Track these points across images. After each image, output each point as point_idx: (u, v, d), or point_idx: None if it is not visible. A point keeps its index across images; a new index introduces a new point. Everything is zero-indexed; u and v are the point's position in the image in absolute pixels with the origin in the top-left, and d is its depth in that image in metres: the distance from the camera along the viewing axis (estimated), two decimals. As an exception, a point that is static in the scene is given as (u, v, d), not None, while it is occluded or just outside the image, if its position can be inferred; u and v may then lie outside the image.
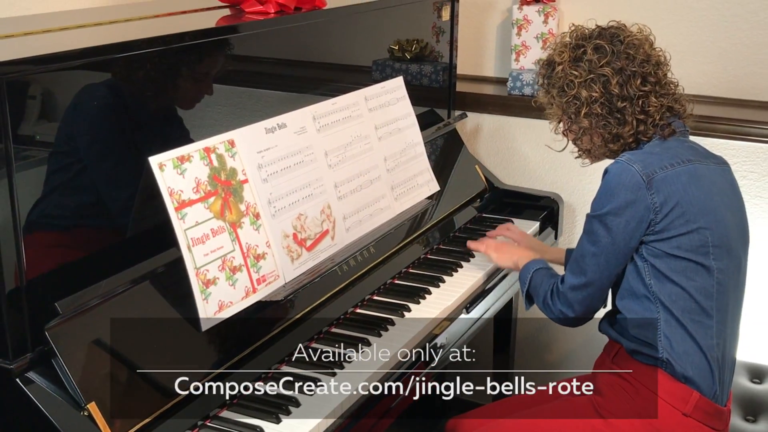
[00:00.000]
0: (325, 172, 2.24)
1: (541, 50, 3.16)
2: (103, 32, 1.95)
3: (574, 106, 2.09)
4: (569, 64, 2.09)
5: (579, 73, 2.07)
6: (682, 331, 1.96)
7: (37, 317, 1.62)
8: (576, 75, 2.07)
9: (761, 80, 2.97)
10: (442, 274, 2.46)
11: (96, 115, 1.78)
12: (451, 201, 2.84)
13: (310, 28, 2.39)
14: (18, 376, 1.58)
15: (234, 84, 2.16)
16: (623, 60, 2.05)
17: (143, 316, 1.77)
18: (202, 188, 1.88)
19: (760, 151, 2.87)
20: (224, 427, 1.75)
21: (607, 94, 2.05)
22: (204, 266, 1.84)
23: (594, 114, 2.06)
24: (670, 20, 3.07)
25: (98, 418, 1.59)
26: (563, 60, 2.11)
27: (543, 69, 2.19)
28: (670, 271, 1.97)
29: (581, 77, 2.07)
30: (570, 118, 2.12)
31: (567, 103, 2.10)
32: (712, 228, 1.97)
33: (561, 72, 2.10)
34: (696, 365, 1.96)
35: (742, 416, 2.39)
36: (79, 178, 1.76)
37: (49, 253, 1.69)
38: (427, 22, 2.98)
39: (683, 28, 3.06)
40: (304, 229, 2.13)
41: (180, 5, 2.38)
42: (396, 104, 2.60)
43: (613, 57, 2.06)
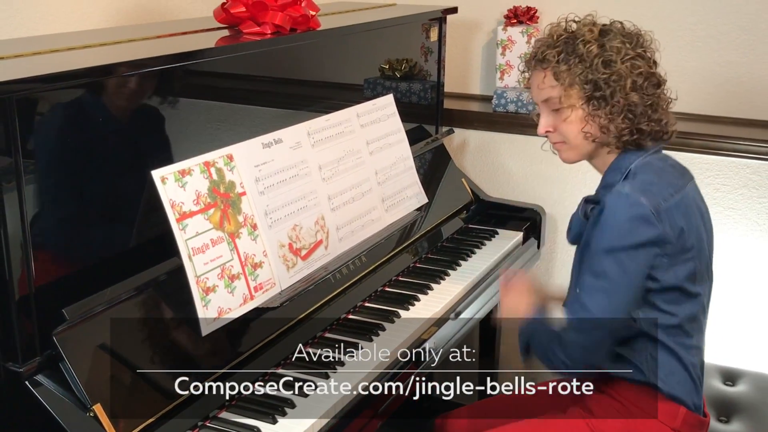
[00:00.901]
0: (319, 185, 2.26)
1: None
2: (108, 52, 1.96)
3: (614, 84, 1.86)
4: (600, 41, 1.89)
5: (618, 48, 1.87)
6: (668, 354, 1.91)
7: (45, 323, 1.62)
8: (617, 48, 1.87)
9: (733, 97, 3.00)
10: (430, 282, 2.47)
11: (101, 130, 1.79)
12: (439, 212, 2.85)
13: (304, 48, 2.40)
14: (27, 378, 1.58)
15: (232, 101, 2.17)
16: (646, 58, 1.92)
17: (146, 321, 1.78)
18: (202, 200, 1.89)
19: (732, 165, 2.89)
20: (223, 427, 1.75)
21: (646, 77, 1.89)
22: (204, 274, 1.85)
23: (640, 89, 1.87)
24: (646, 40, 3.10)
25: (103, 418, 1.60)
26: (593, 36, 1.90)
27: (559, 45, 1.92)
28: (661, 301, 1.88)
29: (621, 53, 1.87)
30: (602, 98, 1.87)
31: (604, 80, 1.86)
32: (699, 254, 1.90)
33: (595, 48, 1.88)
34: (682, 384, 1.92)
35: (716, 417, 2.40)
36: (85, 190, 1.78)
37: (57, 262, 1.70)
38: (416, 42, 3.00)
39: (659, 48, 3.09)
40: (299, 239, 2.15)
41: (180, 27, 2.39)
42: (386, 120, 2.62)
43: (637, 49, 1.91)
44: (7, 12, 2.27)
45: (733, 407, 2.44)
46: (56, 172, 1.68)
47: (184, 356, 1.81)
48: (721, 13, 2.97)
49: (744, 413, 2.41)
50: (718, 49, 3.00)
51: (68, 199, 1.72)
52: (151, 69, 1.86)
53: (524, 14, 3.18)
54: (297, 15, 2.30)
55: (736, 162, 2.89)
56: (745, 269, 2.94)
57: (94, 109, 1.78)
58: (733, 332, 2.97)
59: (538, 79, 1.97)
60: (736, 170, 2.90)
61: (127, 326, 1.74)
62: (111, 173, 1.83)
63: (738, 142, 2.85)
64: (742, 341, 2.98)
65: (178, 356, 1.80)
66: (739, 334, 2.97)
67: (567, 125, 1.94)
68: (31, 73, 1.61)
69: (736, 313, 2.95)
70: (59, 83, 1.65)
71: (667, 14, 3.06)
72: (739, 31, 2.95)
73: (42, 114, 1.65)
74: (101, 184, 1.81)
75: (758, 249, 2.92)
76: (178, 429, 1.72)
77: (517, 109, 3.17)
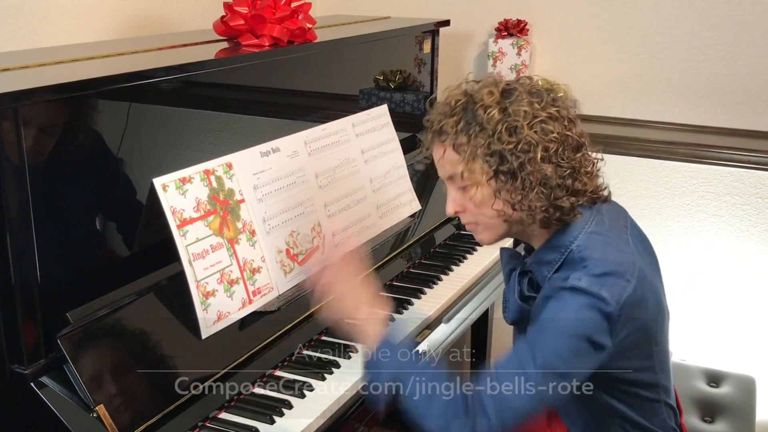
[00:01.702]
0: (315, 193, 2.26)
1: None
2: (112, 63, 1.97)
3: (522, 154, 1.56)
4: (503, 104, 1.60)
5: (525, 112, 1.57)
6: (636, 425, 1.73)
7: (50, 326, 1.63)
8: (524, 112, 1.57)
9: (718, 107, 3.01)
10: (423, 287, 2.47)
11: (104, 139, 1.80)
12: (432, 219, 2.85)
13: (301, 59, 2.41)
14: (32, 380, 1.58)
15: (231, 111, 2.18)
16: (560, 119, 1.61)
17: (147, 324, 1.78)
18: (202, 207, 1.89)
19: (716, 173, 2.91)
20: (222, 427, 1.76)
21: (561, 141, 1.59)
22: (204, 279, 1.86)
23: (554, 156, 1.58)
24: (634, 52, 3.12)
25: (106, 419, 1.60)
26: (494, 99, 1.60)
27: (457, 113, 1.63)
28: (620, 385, 1.69)
29: (528, 117, 1.57)
30: (510, 172, 1.58)
31: (510, 150, 1.56)
32: (655, 316, 1.67)
33: (497, 113, 1.58)
34: None
35: (700, 417, 2.41)
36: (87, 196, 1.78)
37: (61, 267, 1.71)
38: (410, 54, 3.01)
39: (645, 60, 3.11)
40: (296, 245, 2.15)
41: (181, 39, 2.40)
42: (381, 130, 2.62)
43: (549, 109, 1.60)
44: (13, 24, 2.28)
45: (716, 408, 2.45)
46: (60, 180, 1.68)
47: (185, 358, 1.81)
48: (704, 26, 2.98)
49: (727, 414, 2.42)
50: (703, 60, 3.01)
51: (71, 205, 1.72)
52: (153, 80, 1.86)
53: (514, 27, 3.19)
54: (294, 28, 2.31)
55: (720, 170, 2.90)
56: (729, 274, 2.94)
57: (97, 118, 1.78)
58: (717, 335, 2.98)
59: (437, 154, 1.70)
60: (720, 178, 2.91)
61: (129, 329, 1.75)
62: (113, 180, 1.83)
63: (722, 151, 2.87)
64: (726, 344, 2.98)
65: (179, 358, 1.80)
66: (723, 336, 2.97)
67: (475, 205, 1.66)
68: (37, 83, 1.62)
69: (720, 316, 2.96)
70: (64, 94, 1.65)
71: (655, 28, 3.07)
72: (721, 44, 2.97)
73: (47, 123, 1.65)
74: (104, 191, 1.82)
75: (741, 254, 2.93)
76: (178, 429, 1.73)
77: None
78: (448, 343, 2.30)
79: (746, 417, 2.41)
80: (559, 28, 3.20)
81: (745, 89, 2.95)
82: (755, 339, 2.95)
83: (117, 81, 1.77)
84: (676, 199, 3.04)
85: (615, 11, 3.09)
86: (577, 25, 3.16)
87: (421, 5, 3.44)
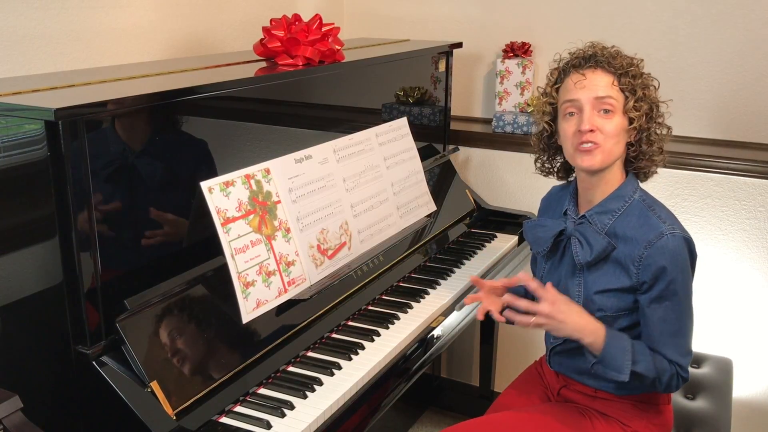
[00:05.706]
0: (343, 195, 2.25)
1: (519, 96, 3.18)
2: (164, 80, 1.96)
3: (655, 107, 1.83)
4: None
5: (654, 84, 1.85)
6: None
7: (110, 312, 1.63)
8: (654, 85, 1.84)
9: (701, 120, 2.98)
10: (438, 278, 2.46)
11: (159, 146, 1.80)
12: (446, 219, 2.84)
13: (331, 77, 2.40)
14: (94, 359, 1.59)
15: (269, 123, 2.18)
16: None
17: (195, 310, 1.78)
18: (243, 207, 1.89)
19: (698, 178, 2.88)
20: (260, 402, 1.76)
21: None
22: (244, 271, 1.86)
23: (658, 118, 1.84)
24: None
25: (159, 394, 1.60)
26: (636, 63, 1.84)
27: (622, 67, 1.81)
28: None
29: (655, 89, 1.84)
30: (650, 118, 1.82)
31: (655, 103, 1.83)
32: None
33: (640, 74, 1.82)
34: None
35: (683, 395, 2.39)
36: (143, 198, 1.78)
37: (120, 260, 1.71)
38: (427, 72, 3.00)
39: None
40: (326, 241, 2.15)
41: (225, 59, 2.40)
42: (401, 140, 2.62)
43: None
44: (76, 46, 2.28)
45: (698, 386, 2.42)
46: (119, 183, 1.68)
47: (227, 341, 1.81)
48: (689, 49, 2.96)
49: (707, 392, 2.39)
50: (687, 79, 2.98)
51: (129, 205, 1.72)
52: (201, 95, 1.86)
53: (519, 48, 3.17)
54: (325, 49, 2.31)
55: (702, 176, 2.88)
56: (709, 267, 2.92)
57: (151, 128, 1.78)
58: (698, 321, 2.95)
59: (601, 79, 1.80)
60: (701, 183, 2.88)
61: (179, 314, 1.74)
62: (166, 183, 1.83)
63: (704, 159, 2.84)
64: (706, 329, 2.96)
65: (222, 341, 1.79)
66: (704, 323, 2.95)
67: (612, 130, 1.77)
68: (97, 98, 1.62)
69: (701, 303, 2.93)
70: (123, 107, 1.65)
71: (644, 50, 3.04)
72: (703, 65, 2.94)
73: (108, 132, 1.65)
74: (158, 193, 1.81)
75: (720, 250, 2.91)
76: (222, 403, 1.73)
77: (513, 130, 3.16)
78: (460, 327, 2.29)
79: (724, 394, 2.38)
80: (559, 50, 3.18)
81: (725, 105, 2.92)
82: (733, 324, 2.93)
83: (168, 96, 1.77)
84: (664, 201, 3.00)
85: (609, 35, 3.05)
86: (574, 47, 3.14)
87: (436, 29, 3.42)
